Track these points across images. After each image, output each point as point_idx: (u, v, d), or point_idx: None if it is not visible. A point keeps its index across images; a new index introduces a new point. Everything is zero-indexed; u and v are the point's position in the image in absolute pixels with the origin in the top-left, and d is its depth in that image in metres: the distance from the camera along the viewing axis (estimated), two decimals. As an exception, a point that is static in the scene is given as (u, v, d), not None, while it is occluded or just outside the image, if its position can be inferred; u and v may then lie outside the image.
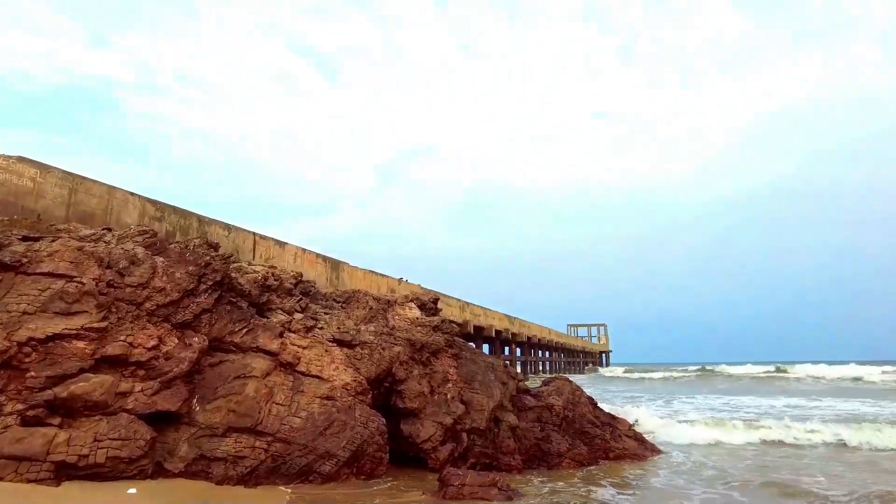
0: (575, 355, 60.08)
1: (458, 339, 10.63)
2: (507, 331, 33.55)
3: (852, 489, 7.61)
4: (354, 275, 14.43)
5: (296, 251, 12.60)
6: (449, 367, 9.76)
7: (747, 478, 8.62)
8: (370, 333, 9.01)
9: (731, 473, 8.99)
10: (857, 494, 7.32)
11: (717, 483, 8.33)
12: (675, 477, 8.91)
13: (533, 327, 41.17)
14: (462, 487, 7.33)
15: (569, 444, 10.17)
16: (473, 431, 9.22)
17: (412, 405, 8.87)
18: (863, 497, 7.11)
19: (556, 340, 49.64)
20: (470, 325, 26.02)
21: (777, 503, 7.26)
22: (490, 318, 30.27)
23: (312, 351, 8.13)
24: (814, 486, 7.84)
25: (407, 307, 10.11)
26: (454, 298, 24.27)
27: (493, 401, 9.68)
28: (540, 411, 10.75)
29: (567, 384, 11.83)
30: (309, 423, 7.65)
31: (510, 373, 11.25)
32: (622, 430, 11.91)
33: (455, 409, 9.16)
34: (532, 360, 43.99)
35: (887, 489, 7.49)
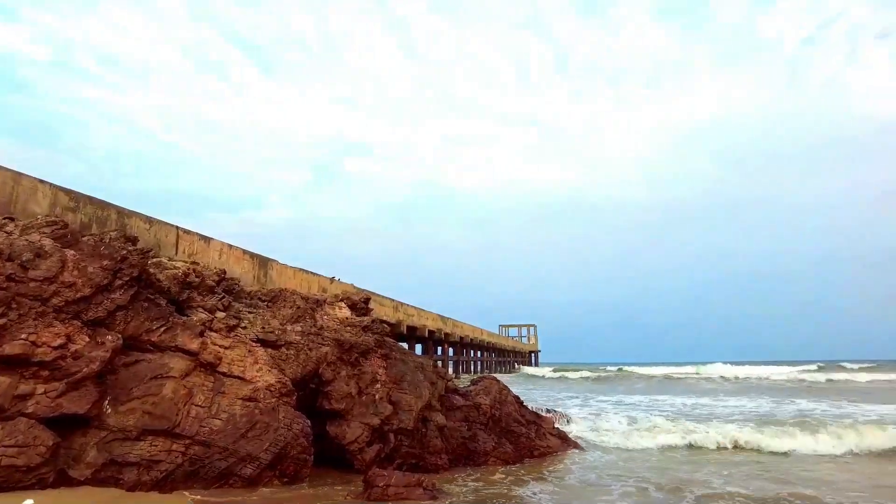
0: (506, 355, 61.17)
1: (388, 339, 10.60)
2: (440, 331, 33.75)
3: (764, 492, 8.16)
4: (284, 273, 14.10)
5: (221, 247, 12.16)
6: (378, 367, 9.72)
7: (660, 477, 9.07)
8: (297, 333, 8.84)
9: (645, 472, 9.42)
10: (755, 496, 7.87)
11: (632, 479, 8.72)
12: (594, 473, 9.26)
13: (465, 327, 41.61)
14: (387, 488, 7.33)
15: (495, 443, 10.36)
16: (401, 432, 9.22)
17: (339, 406, 8.78)
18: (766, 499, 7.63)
19: (487, 340, 50.39)
20: (403, 326, 25.99)
21: (687, 499, 7.69)
22: (423, 319, 30.35)
23: (235, 351, 7.88)
24: (725, 486, 8.35)
25: (337, 307, 9.98)
26: (388, 298, 24.17)
27: (422, 401, 9.72)
28: (468, 411, 10.89)
29: (495, 383, 12.05)
30: (230, 425, 7.42)
31: (439, 372, 11.34)
32: (547, 428, 12.27)
33: (383, 410, 9.13)
34: (464, 360, 44.45)
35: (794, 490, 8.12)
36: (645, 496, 7.64)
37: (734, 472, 9.29)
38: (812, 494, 7.54)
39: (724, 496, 7.48)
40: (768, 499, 7.14)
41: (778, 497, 7.27)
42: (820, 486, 8.12)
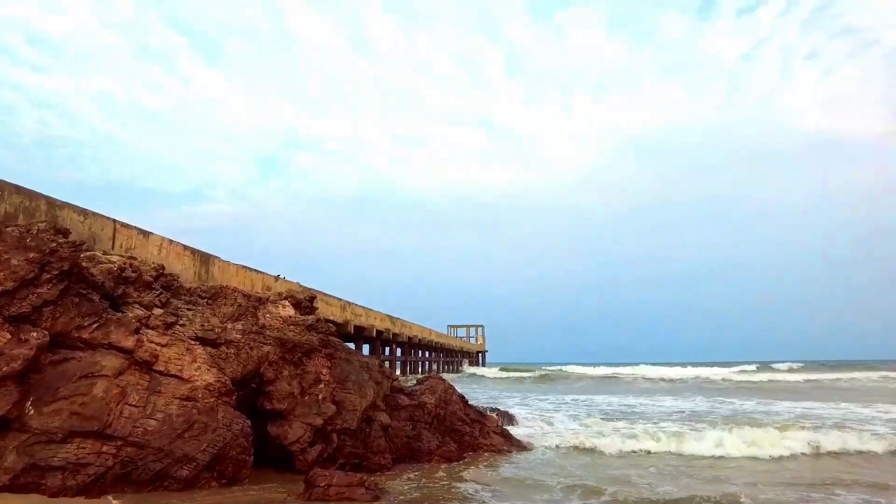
0: (453, 355, 61.53)
1: (333, 338, 10.50)
2: (388, 331, 33.61)
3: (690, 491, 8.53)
4: (227, 270, 13.74)
5: (161, 242, 11.74)
6: (322, 367, 9.62)
7: (595, 474, 9.36)
8: (237, 332, 8.64)
9: (579, 470, 9.67)
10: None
11: (570, 478, 8.96)
12: (534, 471, 9.45)
13: (414, 328, 41.61)
14: (328, 488, 7.27)
15: (439, 442, 10.44)
16: (345, 432, 9.16)
17: (280, 406, 8.64)
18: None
19: (436, 341, 50.54)
20: (351, 326, 25.75)
21: (620, 490, 7.98)
22: (371, 319, 30.15)
23: (172, 349, 7.64)
24: (656, 486, 8.68)
25: (280, 305, 9.81)
26: (335, 298, 23.89)
27: (367, 400, 9.69)
28: (413, 410, 10.93)
29: (440, 383, 12.13)
30: (166, 426, 7.19)
31: (385, 372, 11.32)
32: (490, 426, 12.45)
33: (326, 410, 9.05)
34: (412, 360, 44.43)
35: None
36: (581, 493, 7.86)
37: (665, 470, 9.66)
38: (735, 492, 7.94)
39: (654, 494, 7.76)
40: (695, 497, 7.42)
41: (701, 496, 7.54)
42: (748, 485, 8.50)
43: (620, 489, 7.91)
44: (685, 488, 7.99)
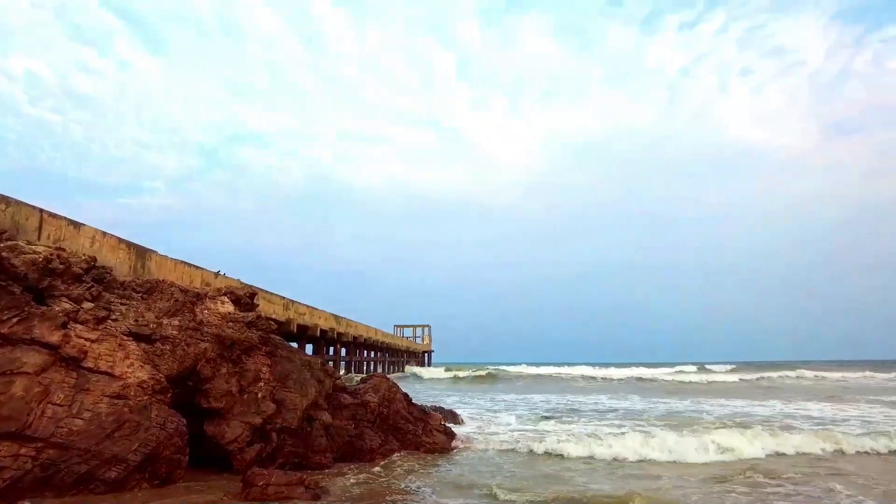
0: (399, 355, 61.28)
1: (274, 336, 10.30)
2: (332, 330, 33.13)
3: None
4: (164, 265, 13.22)
5: (94, 234, 11.17)
6: (262, 365, 9.42)
7: (528, 471, 9.57)
8: (174, 328, 8.35)
9: (515, 468, 9.84)
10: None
11: (507, 475, 9.13)
12: (474, 468, 9.57)
13: (360, 327, 41.20)
14: (267, 487, 7.12)
15: (382, 440, 10.41)
16: (285, 431, 9.00)
17: (218, 405, 8.41)
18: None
19: (381, 340, 50.20)
20: (294, 324, 25.22)
21: (549, 488, 8.19)
22: (316, 318, 29.65)
23: (103, 345, 7.30)
24: (589, 483, 8.91)
25: (219, 301, 9.54)
26: (278, 296, 23.37)
27: (308, 399, 9.55)
28: (355, 409, 10.85)
29: (384, 382, 12.09)
30: (94, 426, 6.87)
31: (327, 371, 11.19)
32: (433, 424, 12.50)
33: (266, 409, 8.87)
34: (357, 360, 43.99)
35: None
36: (514, 491, 8.02)
37: (600, 469, 9.93)
38: (653, 489, 8.27)
39: (586, 491, 7.95)
40: (635, 495, 7.55)
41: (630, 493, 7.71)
42: (663, 486, 8.68)
43: (556, 488, 8.12)
44: (620, 488, 8.17)
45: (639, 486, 8.02)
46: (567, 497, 7.48)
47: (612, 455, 10.76)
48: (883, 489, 8.18)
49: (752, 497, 7.75)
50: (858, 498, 7.68)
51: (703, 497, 7.67)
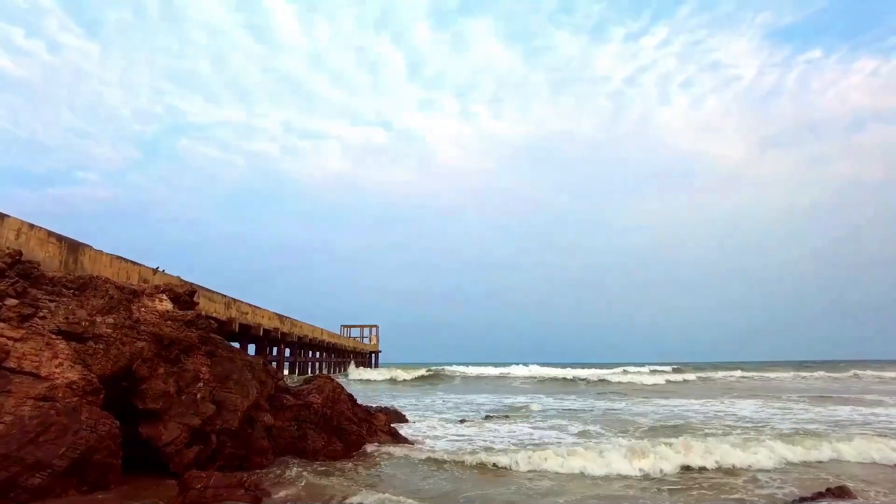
0: (346, 355, 60.58)
1: (215, 335, 10.03)
2: (276, 330, 32.41)
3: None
4: (99, 260, 12.63)
5: (20, 226, 10.55)
6: (202, 365, 9.15)
7: (476, 473, 9.71)
8: (108, 326, 8.00)
9: (459, 467, 9.91)
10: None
11: (452, 470, 9.23)
12: (418, 467, 9.60)
13: (305, 327, 40.49)
14: (205, 490, 6.94)
15: (325, 441, 10.29)
16: (225, 432, 8.78)
17: (155, 406, 8.12)
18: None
19: (328, 341, 49.48)
20: (236, 324, 24.56)
21: (487, 482, 8.35)
22: (259, 317, 28.95)
23: (28, 344, 6.93)
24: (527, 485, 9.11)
25: (157, 299, 9.20)
26: (219, 294, 22.70)
27: (249, 400, 9.35)
28: (298, 410, 10.69)
29: (328, 382, 11.97)
30: (15, 429, 6.50)
31: (270, 372, 11.00)
32: (378, 426, 12.48)
33: (205, 410, 8.62)
34: (301, 361, 43.20)
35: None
36: (457, 486, 8.14)
37: (539, 471, 10.05)
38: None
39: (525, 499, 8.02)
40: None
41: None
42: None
43: (491, 491, 8.27)
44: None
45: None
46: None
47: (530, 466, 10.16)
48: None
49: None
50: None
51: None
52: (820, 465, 10.09)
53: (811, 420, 16.32)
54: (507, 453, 10.10)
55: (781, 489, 8.31)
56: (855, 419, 16.35)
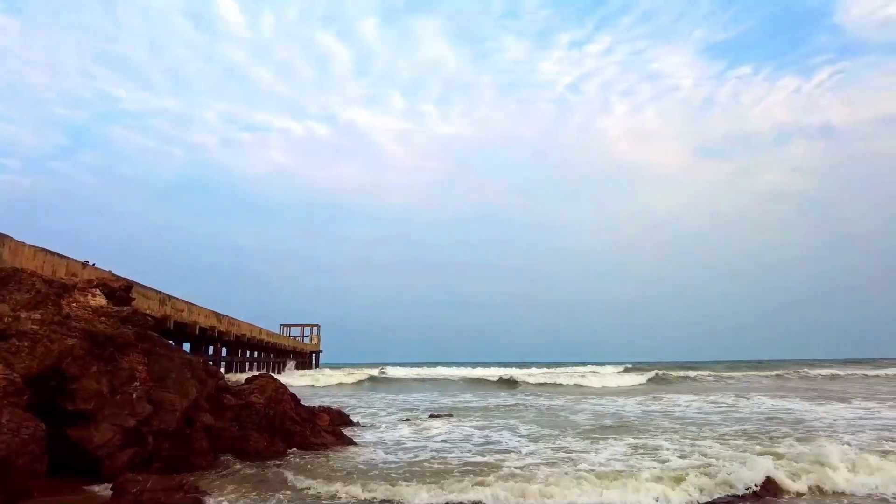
0: (285, 355, 59.29)
1: (152, 333, 9.61)
2: (213, 328, 31.33)
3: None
4: (21, 252, 11.84)
5: (-69, 215, 9.76)
6: (138, 363, 8.75)
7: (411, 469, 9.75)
8: (34, 322, 7.52)
9: (403, 468, 9.94)
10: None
11: (383, 469, 9.21)
12: (357, 470, 9.50)
13: (243, 325, 39.35)
14: (141, 494, 6.65)
15: (267, 442, 10.05)
16: (162, 433, 8.42)
17: (86, 407, 7.70)
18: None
19: (266, 340, 48.26)
20: (171, 321, 23.60)
21: (427, 481, 8.39)
22: (195, 315, 27.92)
23: (-55, 341, 6.43)
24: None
25: (90, 294, 8.72)
26: (153, 290, 21.75)
27: (188, 400, 9.01)
28: (239, 410, 10.40)
29: (271, 382, 11.71)
30: (-72, 433, 6.02)
31: (210, 371, 10.64)
32: (322, 425, 12.30)
33: (141, 410, 8.25)
34: (239, 360, 41.96)
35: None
36: (394, 485, 8.14)
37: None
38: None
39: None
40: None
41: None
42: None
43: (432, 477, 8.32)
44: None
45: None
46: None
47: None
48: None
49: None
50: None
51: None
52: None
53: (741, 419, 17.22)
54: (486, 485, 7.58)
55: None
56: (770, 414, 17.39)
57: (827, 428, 13.54)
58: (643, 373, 44.99)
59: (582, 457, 9.96)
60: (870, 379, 41.05)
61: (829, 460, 8.38)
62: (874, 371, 49.42)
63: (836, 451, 8.67)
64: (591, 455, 10.14)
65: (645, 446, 11.00)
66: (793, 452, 9.46)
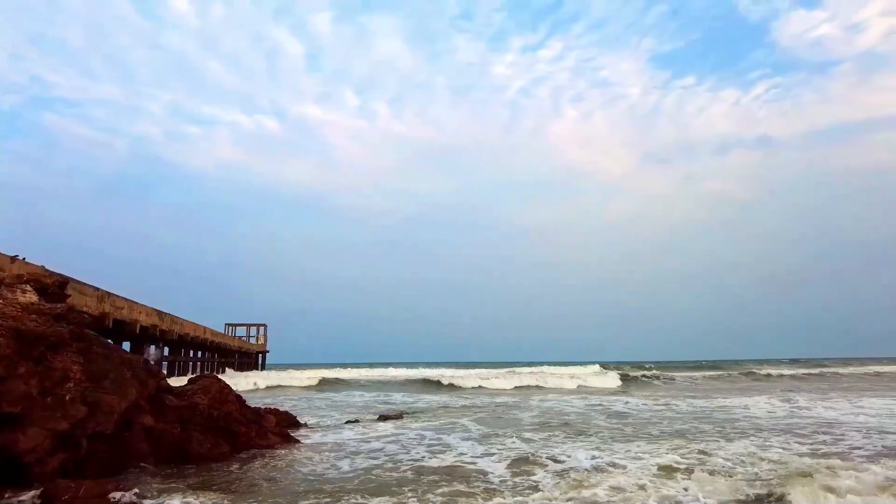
0: (230, 355, 57.66)
1: (89, 331, 9.16)
2: (155, 327, 30.14)
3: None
4: (-58, 245, 11.07)
5: None
6: (73, 363, 8.32)
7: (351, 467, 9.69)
8: (-42, 319, 7.05)
9: (348, 467, 9.88)
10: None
11: (331, 470, 9.12)
12: (307, 467, 9.36)
13: (186, 325, 38.04)
14: (73, 501, 6.34)
15: (211, 443, 9.75)
16: (98, 436, 8.04)
17: (12, 409, 7.26)
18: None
19: (211, 339, 46.81)
20: (109, 319, 22.56)
21: (377, 481, 8.37)
22: (136, 313, 26.78)
23: None
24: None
25: (20, 290, 8.23)
26: (90, 286, 20.76)
27: (127, 401, 8.63)
28: (182, 411, 10.05)
29: (215, 382, 11.38)
30: None
31: (151, 371, 10.24)
32: (269, 426, 12.04)
33: (75, 413, 7.85)
34: (182, 360, 40.53)
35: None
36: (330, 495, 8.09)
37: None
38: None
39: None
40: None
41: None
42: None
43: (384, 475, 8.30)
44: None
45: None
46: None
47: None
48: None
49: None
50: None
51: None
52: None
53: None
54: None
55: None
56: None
57: (752, 427, 14.25)
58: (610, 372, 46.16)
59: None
60: (798, 380, 43.48)
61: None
62: (815, 370, 52.43)
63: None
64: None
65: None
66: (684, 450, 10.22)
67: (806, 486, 7.02)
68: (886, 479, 7.53)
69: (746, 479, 7.88)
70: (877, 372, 49.59)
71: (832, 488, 7.04)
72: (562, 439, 12.20)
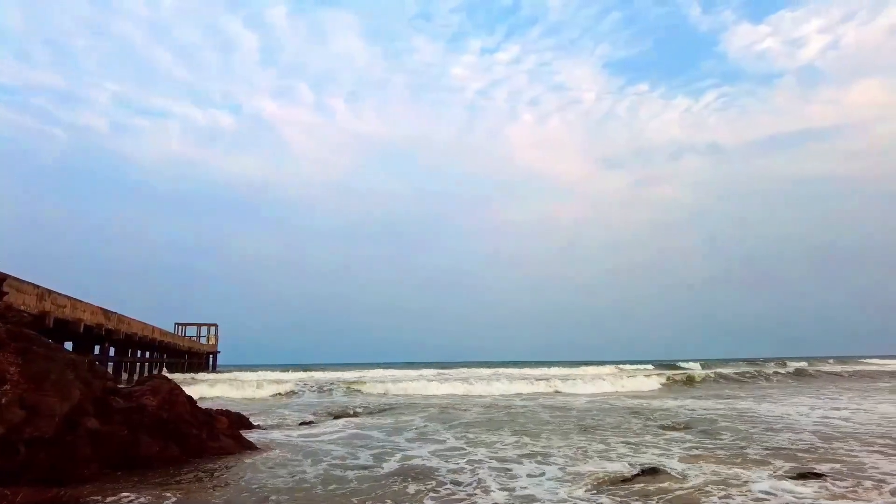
0: (180, 356, 55.93)
1: (28, 331, 8.73)
2: (100, 326, 28.93)
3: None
4: None
5: None
6: (10, 364, 7.91)
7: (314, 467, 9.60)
8: None
9: (305, 468, 9.81)
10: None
11: (295, 471, 9.03)
12: (259, 471, 9.20)
13: (134, 324, 36.70)
14: (10, 509, 6.03)
15: (160, 447, 9.43)
16: (38, 441, 7.66)
17: (-56, 413, 6.85)
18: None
19: (159, 339, 45.30)
20: (51, 318, 21.54)
21: (335, 477, 8.32)
22: (79, 311, 25.66)
23: None
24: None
25: (-46, 286, 7.77)
26: (30, 284, 19.78)
27: (70, 403, 8.26)
28: (130, 413, 9.67)
29: (165, 383, 11.01)
30: None
31: (97, 372, 9.83)
32: (221, 428, 11.72)
33: (12, 417, 7.46)
34: (129, 361, 39.07)
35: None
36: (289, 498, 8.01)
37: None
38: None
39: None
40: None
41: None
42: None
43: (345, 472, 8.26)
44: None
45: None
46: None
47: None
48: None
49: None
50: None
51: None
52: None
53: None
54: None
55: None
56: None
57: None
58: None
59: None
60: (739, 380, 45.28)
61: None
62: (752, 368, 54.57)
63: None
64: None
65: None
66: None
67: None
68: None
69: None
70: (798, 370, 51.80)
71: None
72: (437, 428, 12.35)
